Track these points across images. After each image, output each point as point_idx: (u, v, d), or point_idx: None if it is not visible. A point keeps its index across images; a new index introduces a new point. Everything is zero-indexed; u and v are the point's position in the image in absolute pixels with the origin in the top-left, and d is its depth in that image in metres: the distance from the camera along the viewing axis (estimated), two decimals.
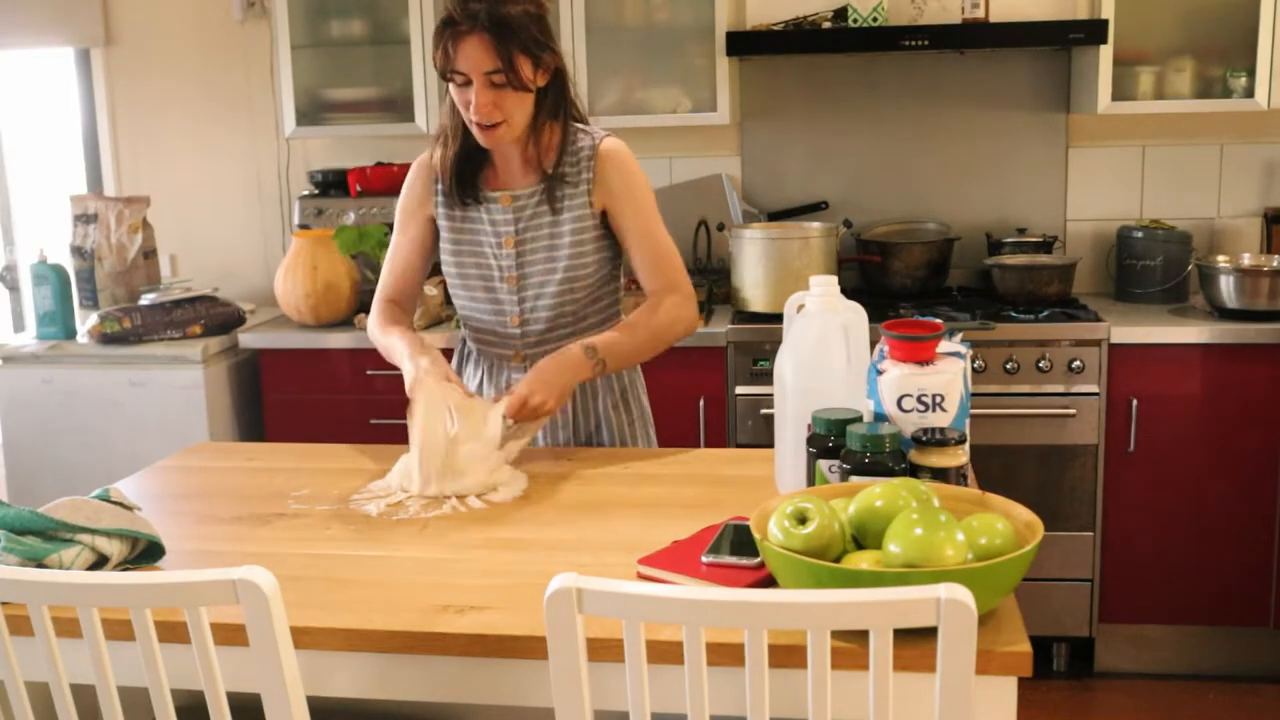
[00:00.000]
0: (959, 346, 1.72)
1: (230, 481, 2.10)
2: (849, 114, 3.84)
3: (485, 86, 2.07)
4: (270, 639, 1.28)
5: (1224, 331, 3.23)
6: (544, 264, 2.23)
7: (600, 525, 1.80)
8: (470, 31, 2.04)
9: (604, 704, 1.33)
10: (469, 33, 2.04)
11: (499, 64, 2.05)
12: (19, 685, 1.39)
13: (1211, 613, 3.37)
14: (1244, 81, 3.42)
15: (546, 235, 2.23)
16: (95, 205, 3.74)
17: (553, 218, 2.22)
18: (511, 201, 2.23)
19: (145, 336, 3.52)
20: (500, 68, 2.05)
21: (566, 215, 2.22)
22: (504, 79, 2.06)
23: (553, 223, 2.22)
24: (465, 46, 2.05)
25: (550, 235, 2.22)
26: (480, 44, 2.04)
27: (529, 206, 2.23)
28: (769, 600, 1.19)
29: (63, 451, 3.53)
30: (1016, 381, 3.28)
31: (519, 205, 2.23)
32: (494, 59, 2.04)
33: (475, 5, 2.04)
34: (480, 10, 2.04)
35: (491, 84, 2.07)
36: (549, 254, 2.23)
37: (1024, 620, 1.39)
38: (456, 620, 1.45)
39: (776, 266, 3.41)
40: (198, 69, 4.09)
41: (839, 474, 1.63)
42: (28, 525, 1.55)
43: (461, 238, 2.27)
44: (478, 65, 2.05)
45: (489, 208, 2.24)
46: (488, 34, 2.03)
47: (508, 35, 2.04)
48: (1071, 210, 3.81)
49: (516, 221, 2.23)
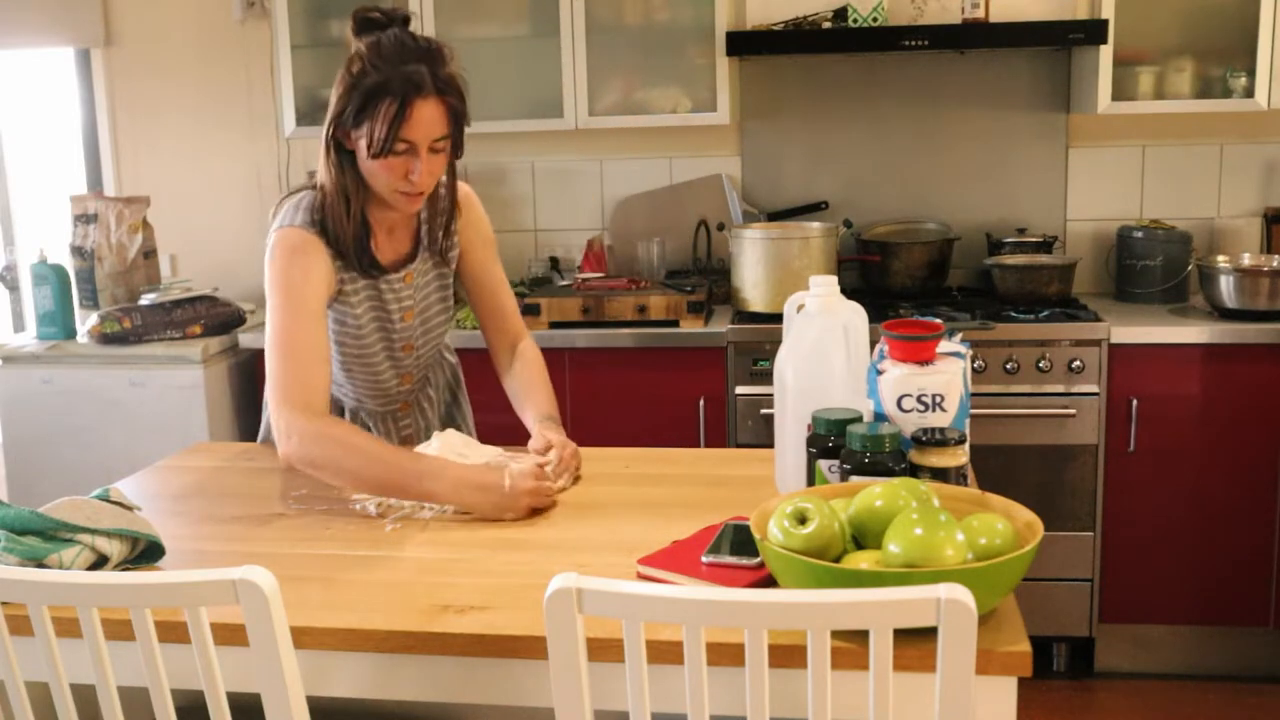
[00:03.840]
0: (959, 346, 1.72)
1: (230, 481, 2.10)
2: (849, 114, 3.84)
3: (430, 153, 1.94)
4: (270, 639, 1.28)
5: (1224, 331, 3.23)
6: (429, 327, 2.24)
7: (600, 525, 1.80)
8: (426, 96, 1.89)
9: (604, 704, 1.33)
10: (425, 98, 1.89)
11: (448, 130, 1.94)
12: (19, 685, 1.39)
13: (1211, 613, 3.37)
14: (1244, 81, 3.42)
15: (430, 302, 2.21)
16: (95, 205, 3.74)
17: (437, 281, 2.20)
18: (414, 277, 2.15)
19: (145, 336, 3.52)
20: (448, 134, 1.94)
21: (445, 268, 2.21)
22: (446, 145, 1.96)
23: (430, 285, 2.20)
24: (420, 112, 1.89)
25: (428, 299, 2.21)
26: (436, 110, 1.90)
27: (424, 274, 2.18)
28: (769, 600, 1.19)
29: (63, 451, 3.53)
30: (1016, 381, 3.28)
31: (419, 282, 2.17)
32: (446, 125, 1.93)
33: (418, 67, 1.89)
34: (425, 72, 1.89)
35: (433, 150, 1.94)
36: (433, 319, 2.24)
37: (1024, 620, 1.39)
38: (456, 620, 1.45)
39: (776, 266, 3.41)
40: (198, 69, 4.09)
41: (839, 474, 1.63)
42: (28, 525, 1.55)
43: (365, 314, 2.12)
44: (430, 133, 1.91)
45: (390, 285, 2.11)
46: (443, 98, 1.91)
47: (458, 98, 1.94)
48: (1071, 210, 3.81)
49: (414, 295, 2.17)
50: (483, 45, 3.70)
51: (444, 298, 2.24)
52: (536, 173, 4.00)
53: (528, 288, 3.74)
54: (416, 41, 1.93)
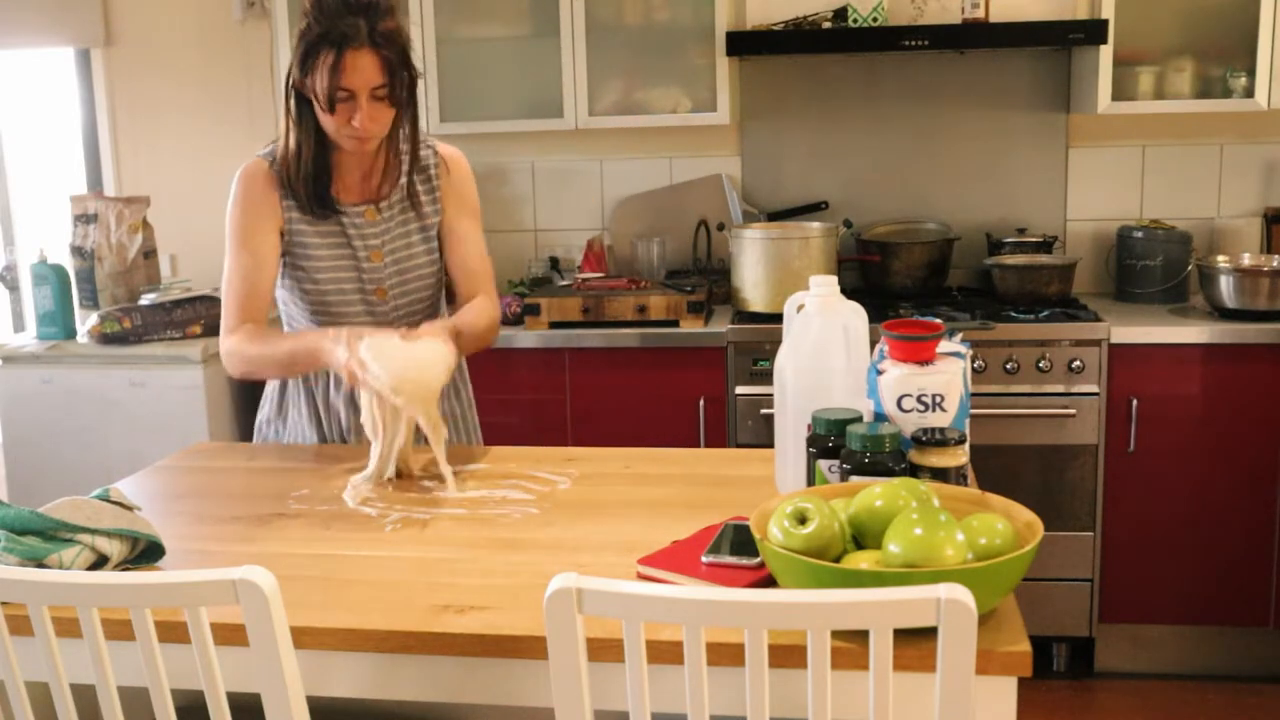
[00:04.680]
0: (959, 346, 1.72)
1: (230, 481, 2.10)
2: (849, 114, 3.84)
3: (370, 101, 2.07)
4: (270, 639, 1.28)
5: (1224, 331, 3.23)
6: (405, 274, 2.27)
7: (600, 525, 1.80)
8: (359, 47, 2.03)
9: (604, 704, 1.33)
10: (358, 49, 2.03)
11: (385, 79, 2.06)
12: (19, 685, 1.39)
13: (1211, 613, 3.37)
14: (1244, 81, 3.42)
15: (404, 246, 2.27)
16: (95, 205, 3.74)
17: (411, 226, 2.26)
18: (377, 215, 2.24)
19: (145, 336, 3.52)
20: (386, 83, 2.07)
21: (422, 220, 2.28)
22: (387, 94, 2.08)
23: (407, 231, 2.27)
24: (355, 62, 2.03)
25: (407, 246, 2.27)
26: (370, 60, 2.04)
27: (393, 218, 2.26)
28: (769, 600, 1.19)
29: (63, 451, 3.53)
30: (1016, 381, 3.28)
31: (387, 216, 2.25)
32: (382, 74, 2.05)
33: (355, 20, 2.03)
34: (362, 25, 2.03)
35: (374, 98, 2.07)
36: (409, 264, 2.27)
37: (1024, 620, 1.39)
38: (456, 620, 1.45)
39: (776, 266, 3.41)
40: (198, 69, 4.09)
41: (839, 474, 1.63)
42: (28, 525, 1.55)
43: (323, 252, 2.23)
44: (367, 81, 2.05)
45: (352, 221, 2.23)
46: (378, 50, 2.04)
47: (394, 50, 2.06)
48: (1071, 210, 3.81)
49: (383, 234, 2.25)
50: (483, 45, 3.70)
51: (428, 250, 2.29)
52: (536, 173, 4.00)
53: (528, 288, 3.74)
54: None
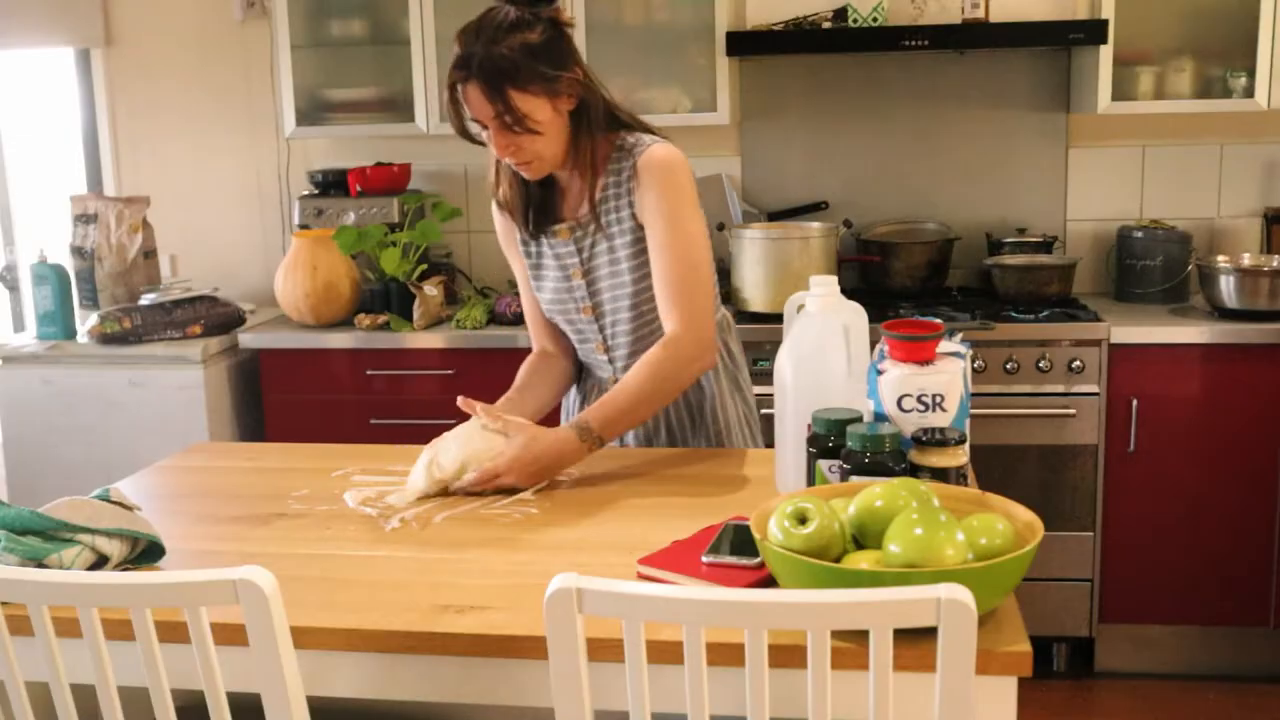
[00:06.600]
0: (959, 346, 1.72)
1: (230, 481, 2.10)
2: (849, 114, 3.84)
3: (499, 130, 2.01)
4: (270, 639, 1.28)
5: (1224, 331, 3.23)
6: (613, 290, 2.17)
7: (600, 525, 1.80)
8: (466, 80, 1.99)
9: (604, 704, 1.33)
10: (465, 81, 1.99)
11: (497, 109, 1.99)
12: (19, 685, 1.39)
13: (1211, 613, 3.37)
14: (1244, 81, 3.42)
15: (607, 261, 2.16)
16: (95, 205, 3.74)
17: (609, 243, 2.16)
18: (570, 234, 2.18)
19: (145, 336, 3.52)
20: (500, 111, 1.99)
21: (622, 235, 2.14)
22: (509, 121, 2.00)
23: (610, 248, 2.15)
24: (467, 95, 2.00)
25: (610, 261, 2.16)
26: (476, 92, 1.99)
27: (587, 235, 2.17)
28: (769, 600, 1.19)
29: (63, 451, 3.53)
30: (1016, 381, 3.28)
31: (578, 236, 2.18)
32: (490, 104, 1.99)
33: (470, 51, 1.98)
34: (473, 56, 1.98)
35: (504, 126, 2.01)
36: (614, 279, 2.17)
37: (1024, 620, 1.39)
38: (456, 620, 1.45)
39: (776, 267, 3.41)
40: (198, 69, 4.09)
41: (839, 474, 1.63)
42: (28, 525, 1.55)
43: (540, 273, 2.25)
44: (482, 112, 2.00)
45: (551, 242, 2.20)
46: (479, 81, 1.98)
47: (499, 79, 1.97)
48: (1071, 210, 3.81)
49: (580, 252, 2.18)
50: None
51: (633, 269, 2.14)
52: None
53: None
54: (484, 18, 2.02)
